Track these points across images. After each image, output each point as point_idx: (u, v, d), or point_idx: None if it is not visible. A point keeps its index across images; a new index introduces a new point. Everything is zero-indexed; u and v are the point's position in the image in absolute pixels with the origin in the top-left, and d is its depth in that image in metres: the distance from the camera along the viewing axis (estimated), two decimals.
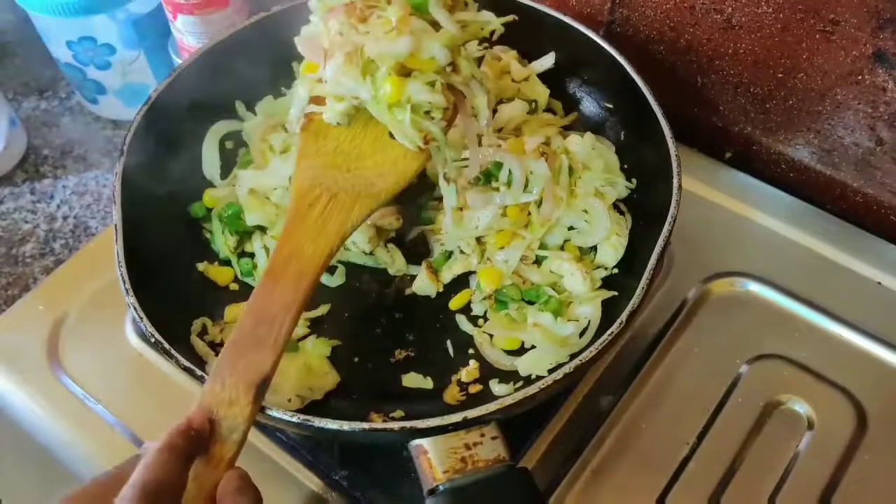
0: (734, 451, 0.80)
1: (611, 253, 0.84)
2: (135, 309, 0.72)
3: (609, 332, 0.71)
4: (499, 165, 0.86)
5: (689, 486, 0.78)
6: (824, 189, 0.99)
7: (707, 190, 0.98)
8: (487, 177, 0.86)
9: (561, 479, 0.78)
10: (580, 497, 0.77)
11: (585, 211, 0.86)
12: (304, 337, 0.82)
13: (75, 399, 0.84)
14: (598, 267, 0.85)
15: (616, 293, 0.81)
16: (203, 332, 0.81)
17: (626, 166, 0.91)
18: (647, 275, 0.73)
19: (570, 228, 0.86)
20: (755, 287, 0.91)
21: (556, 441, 0.80)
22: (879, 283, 0.91)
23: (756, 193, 0.99)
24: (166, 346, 0.70)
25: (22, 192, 1.17)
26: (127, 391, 0.84)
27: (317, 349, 0.81)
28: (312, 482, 0.78)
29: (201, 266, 0.87)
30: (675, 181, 0.78)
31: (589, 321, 0.80)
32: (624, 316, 0.71)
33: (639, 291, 0.72)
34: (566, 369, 0.69)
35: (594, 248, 0.86)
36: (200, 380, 0.68)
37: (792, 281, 0.91)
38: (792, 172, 1.00)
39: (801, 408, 0.83)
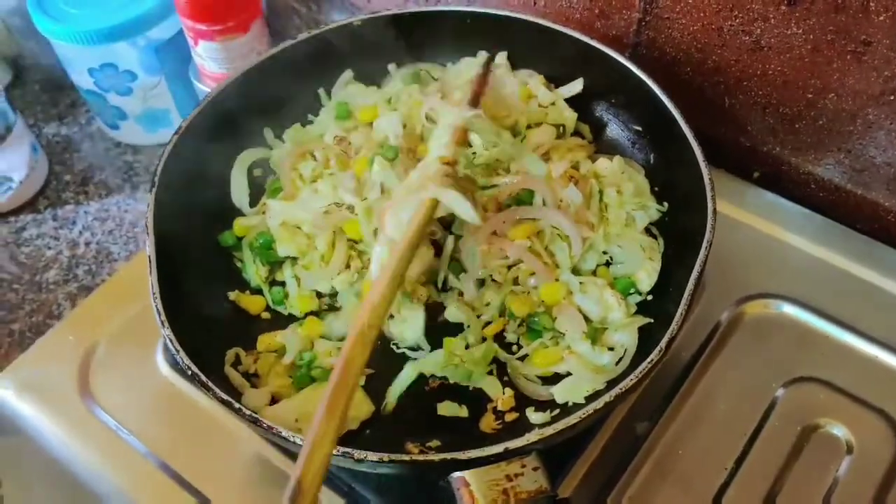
0: (773, 476, 0.79)
1: (645, 279, 0.84)
2: (171, 342, 0.71)
3: (649, 359, 0.70)
4: (530, 193, 0.85)
5: None
6: (855, 209, 0.98)
7: (736, 211, 0.98)
8: (518, 203, 0.86)
9: None
10: None
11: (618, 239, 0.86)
12: None
13: (107, 430, 0.83)
14: (633, 293, 0.84)
15: (652, 320, 0.80)
16: (237, 363, 0.81)
17: (656, 189, 0.90)
18: (685, 300, 0.73)
19: (604, 253, 0.86)
20: (789, 309, 0.90)
21: (592, 469, 0.80)
22: None
23: (786, 214, 0.98)
24: (203, 378, 0.70)
25: (44, 219, 1.17)
26: (158, 421, 0.84)
27: None
28: None
29: (233, 295, 0.86)
30: (709, 206, 0.78)
31: (626, 349, 0.79)
32: (664, 343, 0.71)
33: (677, 317, 0.72)
34: (606, 398, 0.68)
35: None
36: (238, 413, 0.68)
37: (825, 302, 0.90)
38: (822, 192, 1.00)
39: (840, 431, 0.82)
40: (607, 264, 0.86)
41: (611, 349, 0.80)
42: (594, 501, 0.78)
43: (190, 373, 0.70)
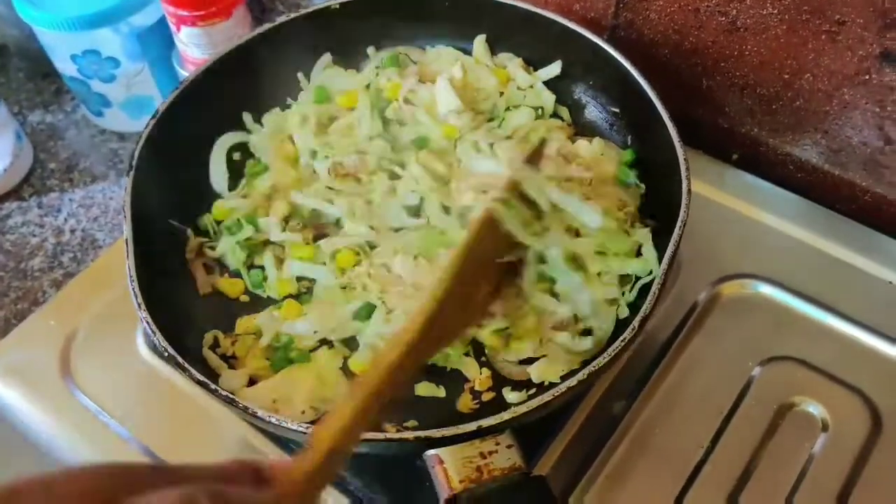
0: (749, 453, 0.80)
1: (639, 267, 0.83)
2: (148, 324, 0.72)
3: (622, 338, 0.71)
4: None
5: (704, 489, 0.78)
6: (833, 189, 0.99)
7: (714, 192, 0.98)
8: None
9: (575, 485, 0.78)
10: (595, 503, 0.77)
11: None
12: (316, 348, 0.82)
13: (89, 414, 0.84)
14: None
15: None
16: (215, 345, 0.81)
17: (632, 170, 0.91)
18: (658, 280, 0.73)
19: None
20: (765, 289, 0.91)
21: (569, 447, 0.80)
22: (891, 282, 0.91)
23: (764, 195, 0.98)
24: (180, 360, 0.70)
25: (29, 207, 1.17)
26: (140, 405, 0.84)
27: (329, 360, 0.81)
28: (328, 493, 0.78)
29: (212, 278, 0.87)
30: (684, 185, 0.78)
31: (604, 330, 0.79)
32: (636, 322, 0.71)
33: (650, 296, 0.72)
34: (580, 376, 0.69)
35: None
36: (214, 393, 0.68)
37: (802, 282, 0.90)
38: (800, 173, 1.00)
39: (815, 409, 0.82)
40: None
41: (588, 332, 0.81)
42: (571, 480, 0.78)
43: (167, 355, 0.71)
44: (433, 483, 0.65)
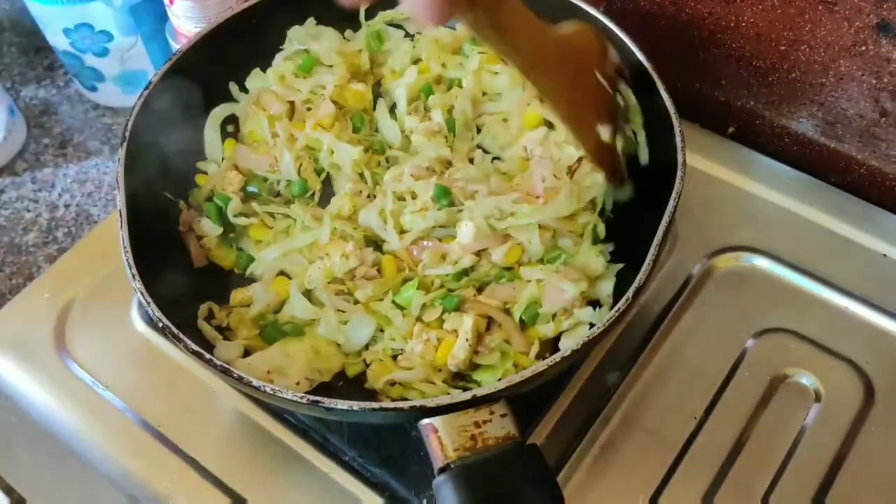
0: (742, 424, 0.80)
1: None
2: (141, 294, 0.71)
3: (616, 308, 0.70)
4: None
5: (697, 460, 0.78)
6: (828, 162, 0.99)
7: (710, 165, 0.98)
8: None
9: (569, 455, 0.78)
10: (589, 473, 0.78)
11: None
12: (313, 321, 0.82)
13: (84, 386, 0.84)
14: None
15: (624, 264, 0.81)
16: (210, 317, 0.81)
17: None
18: (653, 249, 0.73)
19: None
20: (760, 261, 0.91)
21: (563, 418, 0.80)
22: (885, 255, 0.91)
23: (759, 168, 0.98)
24: (174, 330, 0.70)
25: (23, 182, 1.17)
26: (135, 377, 0.85)
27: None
28: (323, 464, 0.79)
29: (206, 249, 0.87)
30: (679, 156, 0.78)
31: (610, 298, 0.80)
32: (630, 292, 0.71)
33: (645, 266, 0.72)
34: (573, 346, 0.69)
35: None
36: (209, 363, 0.68)
37: (797, 255, 0.91)
38: (795, 146, 1.00)
39: (808, 380, 0.83)
40: None
41: (597, 303, 0.81)
42: (565, 450, 0.79)
43: (161, 325, 0.70)
44: (428, 452, 0.66)
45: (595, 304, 0.80)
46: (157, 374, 0.85)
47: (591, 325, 0.75)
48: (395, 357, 0.79)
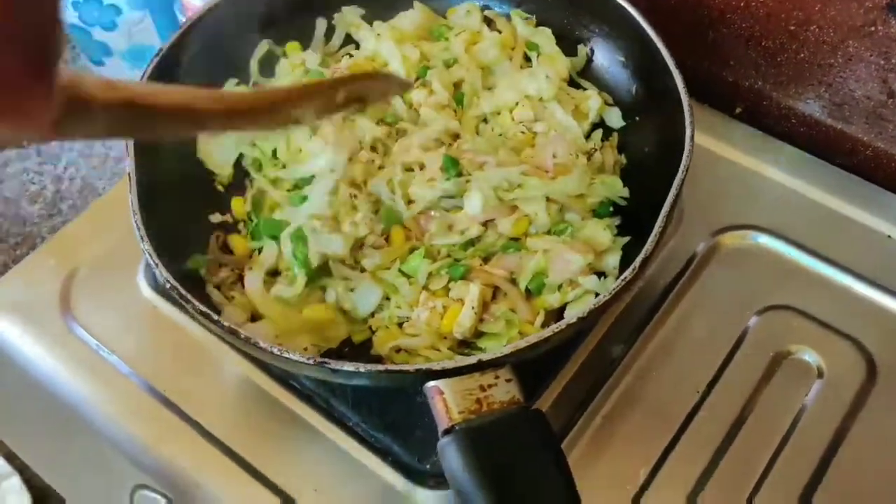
0: (744, 399, 0.81)
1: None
2: (150, 256, 0.72)
3: (622, 277, 0.71)
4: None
5: (698, 434, 0.79)
6: (834, 143, 0.99)
7: (718, 145, 0.98)
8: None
9: (572, 426, 0.79)
10: (591, 444, 0.78)
11: None
12: (321, 288, 0.82)
13: (89, 350, 0.84)
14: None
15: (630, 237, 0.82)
16: (215, 276, 0.81)
17: (637, 119, 0.91)
18: (660, 220, 0.73)
19: None
20: (765, 240, 0.91)
21: (567, 389, 0.81)
22: (889, 236, 0.91)
23: (766, 148, 0.98)
24: (182, 291, 0.70)
25: (28, 154, 1.17)
26: (140, 342, 0.85)
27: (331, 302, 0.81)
28: (328, 429, 0.79)
29: (214, 217, 0.87)
30: (688, 130, 0.78)
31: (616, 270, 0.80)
32: (638, 261, 0.71)
33: (652, 237, 0.72)
34: (579, 313, 0.69)
35: None
36: (216, 324, 0.69)
37: (802, 234, 0.91)
38: (802, 127, 1.00)
39: (811, 358, 0.83)
40: None
41: (602, 276, 0.81)
42: (568, 420, 0.79)
43: (169, 286, 0.71)
44: (433, 414, 0.66)
45: (601, 276, 0.80)
46: (162, 340, 0.85)
47: (597, 296, 0.75)
48: (400, 325, 0.80)
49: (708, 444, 0.78)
